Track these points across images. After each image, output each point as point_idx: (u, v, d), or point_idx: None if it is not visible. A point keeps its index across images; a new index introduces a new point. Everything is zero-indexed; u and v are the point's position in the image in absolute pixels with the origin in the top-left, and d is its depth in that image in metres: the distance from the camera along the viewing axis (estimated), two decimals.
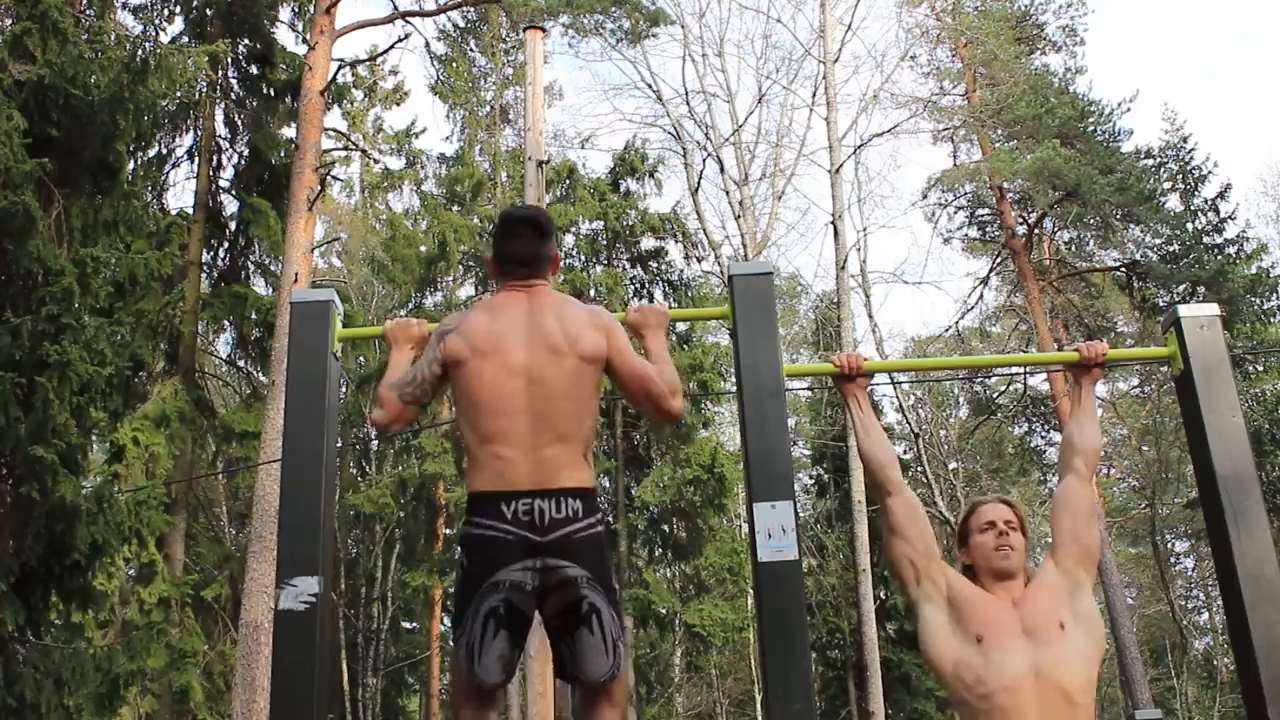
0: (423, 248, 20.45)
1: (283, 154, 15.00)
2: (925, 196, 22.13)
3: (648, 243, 20.14)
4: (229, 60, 15.08)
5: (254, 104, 15.42)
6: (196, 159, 15.35)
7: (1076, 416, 3.05)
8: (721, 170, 20.36)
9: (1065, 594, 2.71)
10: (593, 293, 19.06)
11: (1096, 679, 2.65)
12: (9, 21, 8.71)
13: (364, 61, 19.64)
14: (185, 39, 14.68)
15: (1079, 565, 2.77)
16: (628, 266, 20.00)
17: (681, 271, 20.41)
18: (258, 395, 14.88)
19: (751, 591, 16.64)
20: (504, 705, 17.79)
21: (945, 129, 21.98)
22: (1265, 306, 20.07)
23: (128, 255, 8.51)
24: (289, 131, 15.29)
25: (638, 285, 20.01)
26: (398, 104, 22.83)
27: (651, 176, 20.29)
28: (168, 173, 15.39)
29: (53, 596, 7.85)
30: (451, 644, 2.65)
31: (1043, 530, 18.31)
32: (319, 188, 12.59)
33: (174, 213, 14.67)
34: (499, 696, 2.66)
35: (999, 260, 22.18)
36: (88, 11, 9.42)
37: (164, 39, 14.29)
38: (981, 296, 22.61)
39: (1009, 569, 2.72)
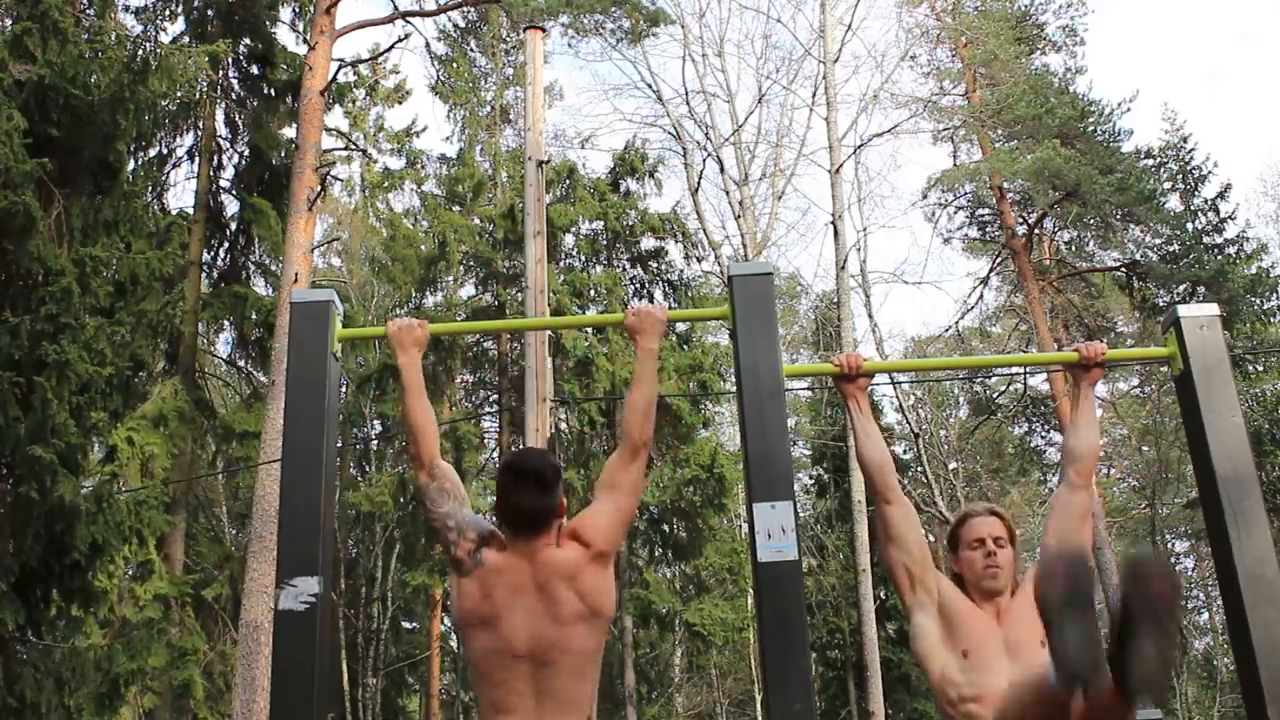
0: (423, 248, 20.45)
1: (283, 154, 15.01)
2: (925, 196, 22.15)
3: (648, 243, 20.14)
4: (229, 60, 15.08)
5: (254, 104, 15.43)
6: (197, 159, 15.35)
7: (1074, 420, 3.07)
8: (721, 170, 20.38)
9: None
10: (592, 293, 19.07)
11: None
12: (9, 21, 8.71)
13: (364, 61, 19.64)
14: (186, 39, 14.69)
15: None
16: (628, 266, 20.00)
17: (681, 271, 20.42)
18: (258, 395, 14.88)
19: (751, 591, 16.64)
20: None
21: (945, 129, 21.99)
22: (1265, 306, 20.07)
23: (128, 255, 8.50)
24: (289, 131, 15.29)
25: (638, 285, 20.01)
26: (399, 103, 22.82)
27: (651, 176, 20.29)
28: (168, 173, 15.40)
29: (53, 596, 7.85)
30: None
31: (1039, 532, 18.30)
32: (319, 188, 12.59)
33: (174, 213, 14.68)
34: None
35: (999, 260, 22.18)
36: (88, 11, 9.42)
37: (164, 39, 14.31)
38: (981, 296, 22.64)
39: (996, 589, 2.83)
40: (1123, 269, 21.34)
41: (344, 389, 18.69)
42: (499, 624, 2.59)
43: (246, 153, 15.47)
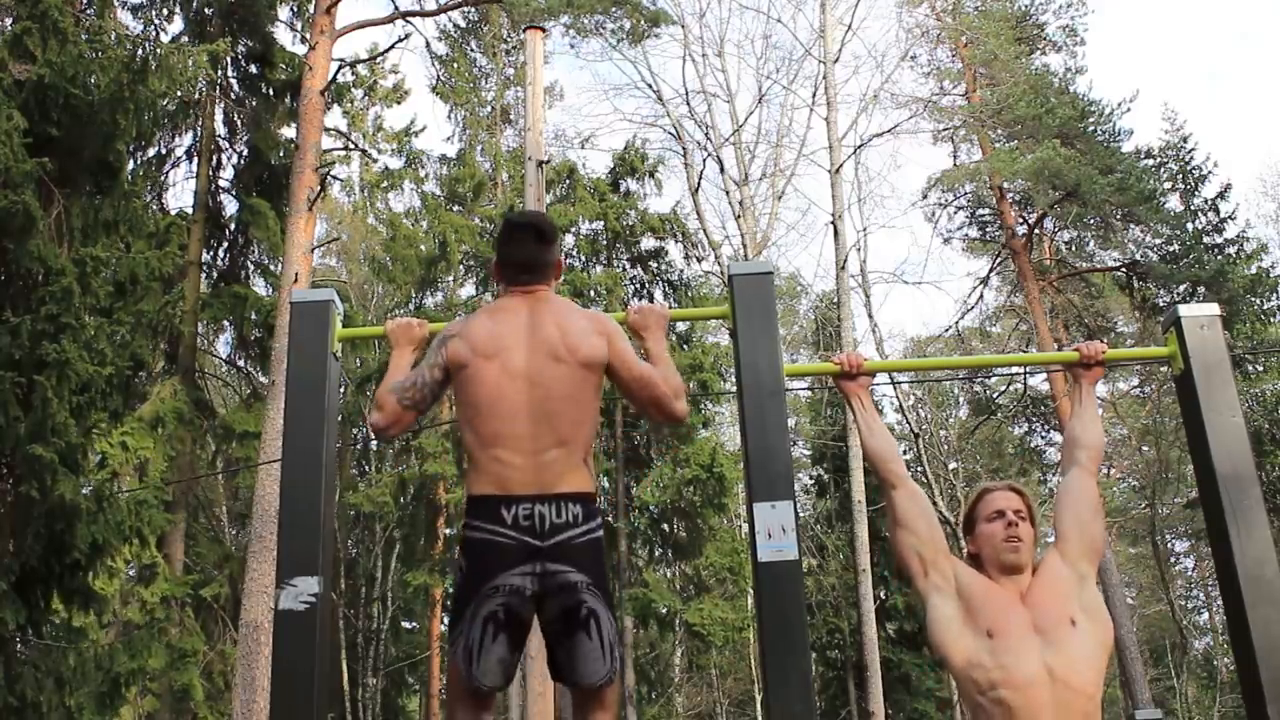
0: (423, 248, 20.45)
1: (282, 154, 15.00)
2: (925, 196, 22.16)
3: (648, 243, 20.13)
4: (229, 60, 15.07)
5: (254, 104, 15.42)
6: (196, 159, 15.35)
7: (1078, 414, 3.02)
8: (721, 170, 20.39)
9: (1073, 587, 2.66)
10: (592, 293, 19.06)
11: (1105, 670, 2.60)
12: (9, 21, 8.71)
13: (364, 61, 19.64)
14: (185, 38, 14.68)
15: (1084, 558, 2.72)
16: (628, 266, 19.99)
17: (681, 271, 20.41)
18: (258, 395, 14.87)
19: (751, 591, 16.63)
20: (504, 706, 17.79)
21: (945, 129, 21.99)
22: (1265, 306, 20.08)
23: (128, 255, 8.51)
24: (289, 131, 15.29)
25: (638, 285, 20.00)
26: (398, 102, 22.82)
27: (651, 176, 20.29)
28: (168, 172, 15.40)
29: (53, 596, 7.85)
30: (448, 644, 2.61)
31: (1044, 529, 18.32)
32: (319, 188, 12.59)
33: (174, 213, 14.68)
34: (495, 699, 2.65)
35: (999, 260, 22.18)
36: (88, 11, 9.42)
37: (164, 38, 14.31)
38: (981, 296, 22.65)
39: (1017, 563, 2.67)
40: (1123, 269, 21.33)
41: (344, 389, 18.69)
42: (497, 351, 2.64)
43: (246, 153, 15.47)
